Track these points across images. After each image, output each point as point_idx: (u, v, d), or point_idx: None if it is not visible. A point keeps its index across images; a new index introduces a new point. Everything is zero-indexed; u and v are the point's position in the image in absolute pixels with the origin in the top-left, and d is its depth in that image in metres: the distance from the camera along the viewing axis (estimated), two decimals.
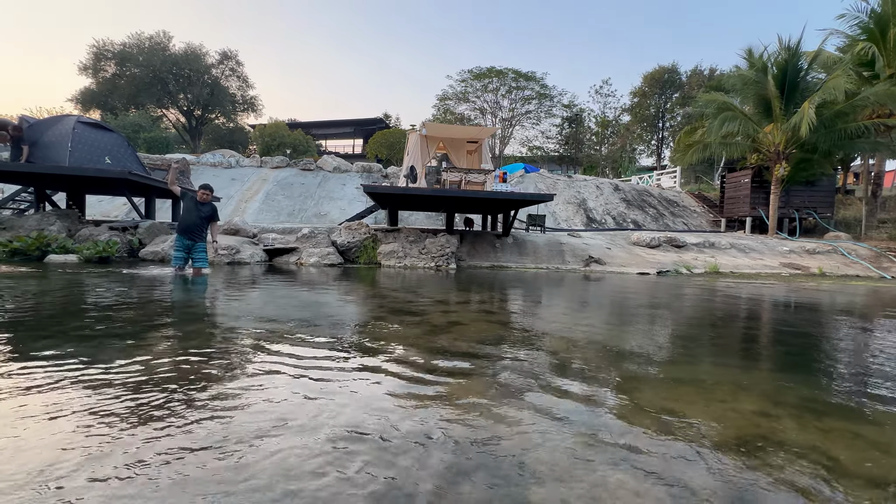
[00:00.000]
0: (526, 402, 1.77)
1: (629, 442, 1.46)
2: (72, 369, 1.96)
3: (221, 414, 1.55)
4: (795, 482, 1.24)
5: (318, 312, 3.65)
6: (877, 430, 1.63)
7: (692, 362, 2.54)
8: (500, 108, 32.62)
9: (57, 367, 1.99)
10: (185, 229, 5.85)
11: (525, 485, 1.17)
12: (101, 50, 28.89)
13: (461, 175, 9.92)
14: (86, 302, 3.73)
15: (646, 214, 17.94)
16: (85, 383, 1.81)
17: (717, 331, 3.71)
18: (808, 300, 5.86)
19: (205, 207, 5.98)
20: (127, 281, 5.07)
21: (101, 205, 14.57)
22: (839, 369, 2.56)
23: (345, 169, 18.84)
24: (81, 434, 1.36)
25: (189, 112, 31.99)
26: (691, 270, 9.86)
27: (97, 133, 9.33)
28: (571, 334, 3.12)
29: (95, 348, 2.32)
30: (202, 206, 5.96)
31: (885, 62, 13.76)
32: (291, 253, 8.74)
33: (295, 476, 1.17)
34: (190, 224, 5.84)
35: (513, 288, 6.09)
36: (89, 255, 7.15)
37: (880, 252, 12.22)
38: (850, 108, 12.85)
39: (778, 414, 1.75)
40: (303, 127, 32.42)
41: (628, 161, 32.27)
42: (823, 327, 3.99)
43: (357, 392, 1.83)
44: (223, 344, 2.53)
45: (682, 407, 1.78)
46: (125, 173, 8.34)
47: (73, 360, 2.10)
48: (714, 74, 29.42)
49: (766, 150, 14.45)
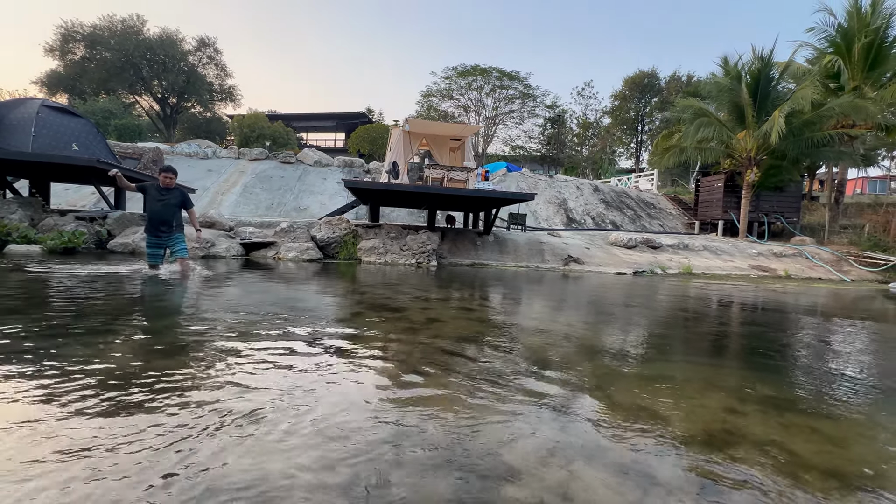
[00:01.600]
0: (501, 399, 1.79)
1: (601, 437, 1.49)
2: (33, 364, 1.88)
3: (190, 420, 1.51)
4: (756, 475, 1.30)
5: (295, 308, 3.59)
6: (833, 425, 1.71)
7: (664, 360, 2.62)
8: (484, 107, 32.72)
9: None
10: (154, 225, 5.10)
11: (498, 478, 1.18)
12: (69, 31, 27.57)
13: (443, 172, 9.91)
14: (48, 298, 3.56)
15: (624, 215, 18.33)
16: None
17: (688, 330, 3.83)
18: (774, 301, 6.11)
19: (172, 194, 5.20)
20: (87, 280, 4.87)
21: (67, 193, 13.92)
22: (801, 368, 2.68)
23: (326, 163, 18.55)
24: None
25: (163, 100, 30.89)
26: (666, 271, 10.14)
27: (64, 118, 8.89)
28: (548, 332, 3.17)
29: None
30: (168, 193, 5.18)
31: (849, 75, 14.43)
32: (269, 247, 8.56)
33: (270, 471, 1.15)
34: (158, 217, 5.08)
35: (493, 286, 6.13)
36: (53, 245, 6.83)
37: (841, 256, 12.84)
38: (816, 117, 13.43)
39: (743, 410, 1.82)
40: (283, 119, 31.69)
41: (608, 163, 32.87)
42: (787, 328, 4.17)
43: (332, 389, 1.81)
44: (195, 342, 2.46)
45: (654, 404, 1.83)
46: (93, 161, 7.98)
47: (35, 356, 2.01)
48: (691, 81, 30.25)
49: (739, 155, 14.96)
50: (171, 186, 5.20)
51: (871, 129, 14.58)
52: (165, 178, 5.15)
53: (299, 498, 1.06)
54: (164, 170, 5.20)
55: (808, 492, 1.22)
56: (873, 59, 14.00)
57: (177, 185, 5.28)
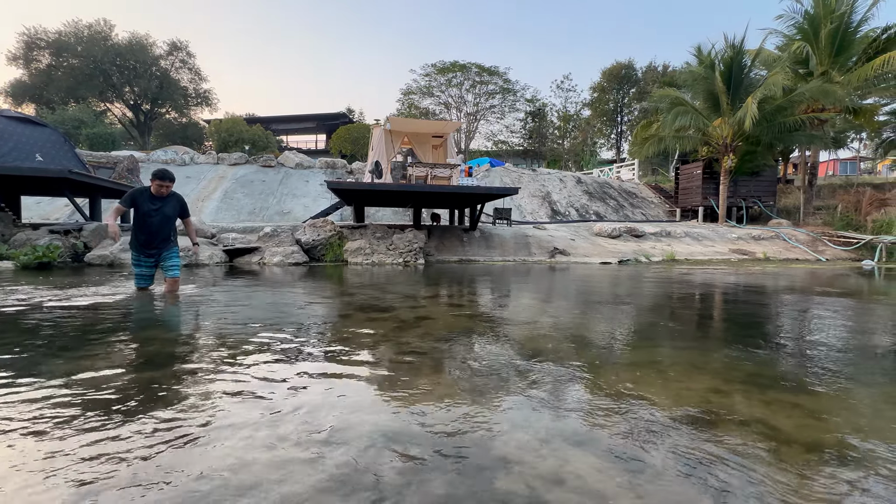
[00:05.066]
0: (493, 389, 1.80)
1: (591, 422, 1.52)
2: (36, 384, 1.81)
3: (192, 431, 1.48)
4: (740, 451, 1.34)
5: (283, 312, 3.55)
6: (813, 400, 1.77)
7: (650, 346, 2.67)
8: (465, 103, 32.77)
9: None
10: (146, 240, 4.21)
11: (492, 468, 1.20)
12: (32, 38, 26.60)
13: (427, 170, 9.89)
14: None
15: (607, 206, 18.57)
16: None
17: (673, 315, 3.91)
18: (755, 283, 6.28)
19: (167, 202, 4.26)
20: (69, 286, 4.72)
21: (39, 207, 13.47)
22: (781, 346, 2.77)
23: (308, 165, 18.33)
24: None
25: (136, 106, 30.07)
26: (650, 258, 10.32)
27: (25, 128, 8.54)
28: (537, 324, 3.20)
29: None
30: (162, 202, 4.23)
31: (817, 60, 14.86)
32: (253, 253, 8.44)
33: (257, 471, 1.14)
34: (152, 232, 4.18)
35: (481, 281, 6.16)
36: (27, 261, 6.60)
37: (816, 237, 13.26)
38: (788, 103, 13.81)
39: (727, 390, 1.87)
40: (262, 122, 31.18)
41: (590, 154, 33.25)
42: (768, 308, 4.29)
43: (325, 390, 1.80)
44: (186, 351, 2.41)
45: (641, 388, 1.87)
46: (65, 172, 7.74)
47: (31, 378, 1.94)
48: (667, 71, 30.77)
49: (716, 142, 15.29)
50: (165, 195, 4.28)
51: (839, 112, 15.05)
52: (160, 187, 4.18)
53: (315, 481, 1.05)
54: (157, 177, 4.17)
55: (790, 465, 1.26)
56: (839, 45, 14.44)
57: (172, 192, 4.36)
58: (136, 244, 4.24)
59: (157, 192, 4.20)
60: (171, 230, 4.38)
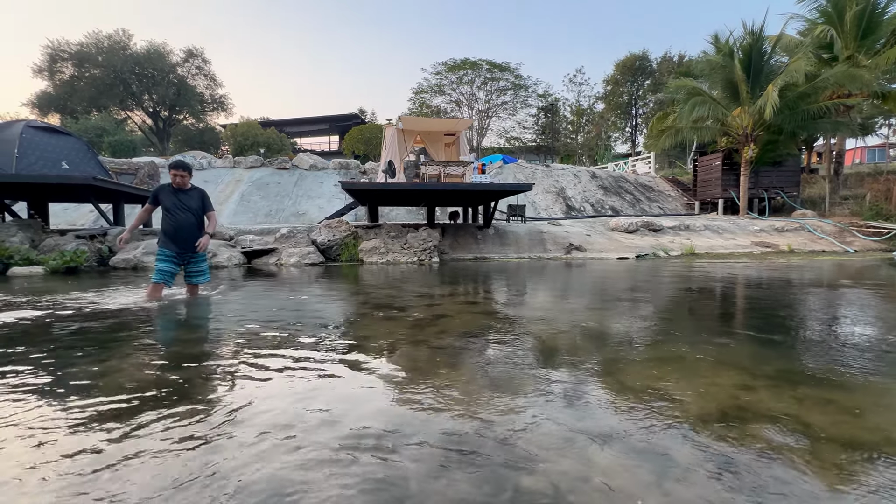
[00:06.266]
0: (514, 388, 1.78)
1: (616, 420, 1.49)
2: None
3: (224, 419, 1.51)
4: (772, 449, 1.29)
5: (303, 312, 3.59)
6: (847, 395, 1.71)
7: (673, 341, 2.61)
8: (476, 100, 32.56)
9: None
10: (175, 235, 4.08)
11: (516, 467, 1.18)
12: (56, 51, 27.46)
13: (440, 168, 9.88)
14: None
15: (623, 200, 18.27)
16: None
17: (696, 310, 3.82)
18: (780, 276, 6.09)
19: (190, 195, 4.17)
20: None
21: (66, 213, 13.94)
22: (811, 340, 2.67)
23: (321, 166, 18.52)
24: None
25: (155, 113, 30.81)
26: (668, 253, 10.12)
27: (51, 137, 8.84)
28: (556, 320, 3.16)
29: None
30: (186, 196, 4.14)
31: (842, 44, 14.29)
32: (271, 254, 8.56)
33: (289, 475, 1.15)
34: (180, 228, 4.06)
35: (496, 278, 6.12)
36: (56, 266, 6.84)
37: (843, 227, 12.79)
38: (811, 89, 13.33)
39: (756, 385, 1.81)
40: (276, 125, 31.60)
41: (604, 148, 32.73)
42: (795, 301, 4.16)
43: (347, 389, 1.81)
44: (215, 348, 2.46)
45: (666, 385, 1.83)
46: (89, 179, 7.98)
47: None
48: (683, 60, 30.04)
49: (735, 133, 14.88)
50: (186, 186, 4.16)
51: (866, 97, 14.46)
52: (177, 177, 4.08)
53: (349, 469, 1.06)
54: (173, 166, 4.08)
55: (825, 463, 1.22)
56: (866, 27, 13.87)
57: (193, 186, 4.27)
58: (165, 239, 4.12)
59: (176, 184, 4.09)
60: (198, 227, 4.20)
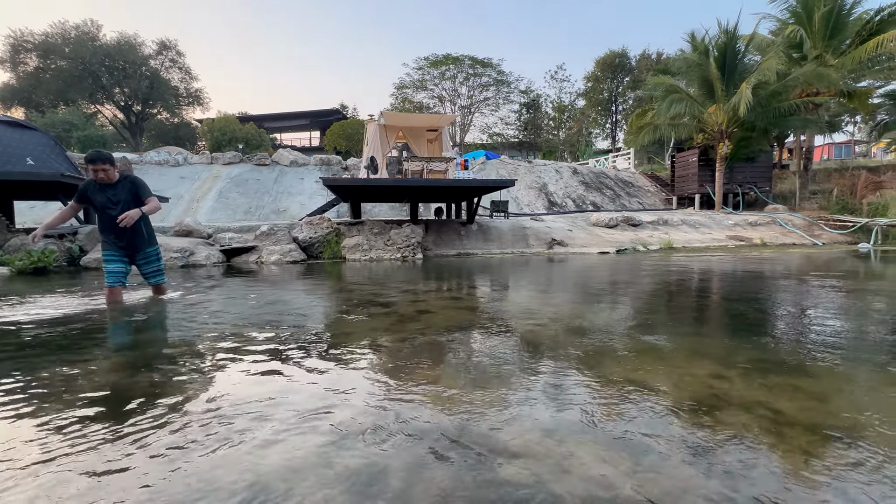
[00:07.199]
0: (496, 382, 1.80)
1: (595, 411, 1.52)
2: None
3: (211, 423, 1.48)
4: (743, 434, 1.34)
5: (283, 310, 3.54)
6: (813, 382, 1.78)
7: (651, 334, 2.67)
8: (459, 96, 32.52)
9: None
10: (112, 233, 3.72)
11: (497, 459, 1.20)
12: (18, 41, 26.21)
13: (423, 164, 9.84)
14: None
15: (604, 196, 18.56)
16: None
17: (672, 303, 3.92)
18: (752, 269, 6.30)
19: (119, 188, 3.64)
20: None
21: (32, 211, 13.36)
22: (781, 330, 2.78)
23: (302, 162, 18.21)
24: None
25: (127, 107, 29.74)
26: (647, 247, 10.34)
27: (14, 132, 8.43)
28: (538, 315, 3.20)
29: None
30: (114, 190, 3.63)
31: (811, 44, 14.80)
32: (251, 252, 8.41)
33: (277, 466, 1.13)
34: (115, 223, 3.50)
35: (480, 274, 6.15)
36: (22, 266, 6.56)
37: (812, 221, 13.31)
38: (782, 87, 13.77)
39: (728, 375, 1.88)
40: (255, 120, 30.93)
41: (585, 145, 33.14)
42: (766, 293, 4.31)
43: (324, 387, 1.80)
44: (190, 350, 2.41)
45: (644, 376, 1.88)
46: (57, 175, 7.67)
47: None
48: (661, 58, 30.58)
49: (711, 129, 15.26)
50: (112, 180, 3.63)
51: (833, 95, 15.03)
52: (98, 172, 3.54)
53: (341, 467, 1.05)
54: (90, 160, 3.53)
55: (792, 446, 1.27)
56: (833, 28, 14.39)
57: (123, 175, 3.72)
58: (104, 240, 3.81)
59: (98, 180, 3.58)
60: (139, 223, 3.74)
